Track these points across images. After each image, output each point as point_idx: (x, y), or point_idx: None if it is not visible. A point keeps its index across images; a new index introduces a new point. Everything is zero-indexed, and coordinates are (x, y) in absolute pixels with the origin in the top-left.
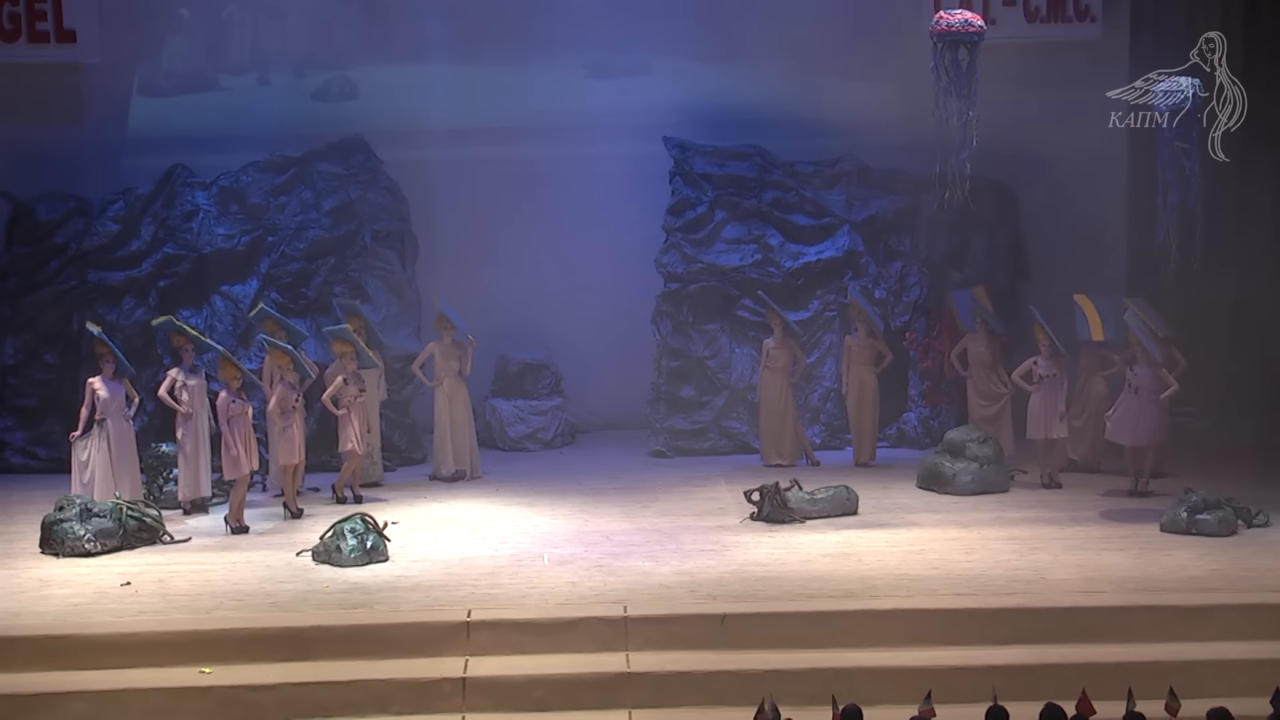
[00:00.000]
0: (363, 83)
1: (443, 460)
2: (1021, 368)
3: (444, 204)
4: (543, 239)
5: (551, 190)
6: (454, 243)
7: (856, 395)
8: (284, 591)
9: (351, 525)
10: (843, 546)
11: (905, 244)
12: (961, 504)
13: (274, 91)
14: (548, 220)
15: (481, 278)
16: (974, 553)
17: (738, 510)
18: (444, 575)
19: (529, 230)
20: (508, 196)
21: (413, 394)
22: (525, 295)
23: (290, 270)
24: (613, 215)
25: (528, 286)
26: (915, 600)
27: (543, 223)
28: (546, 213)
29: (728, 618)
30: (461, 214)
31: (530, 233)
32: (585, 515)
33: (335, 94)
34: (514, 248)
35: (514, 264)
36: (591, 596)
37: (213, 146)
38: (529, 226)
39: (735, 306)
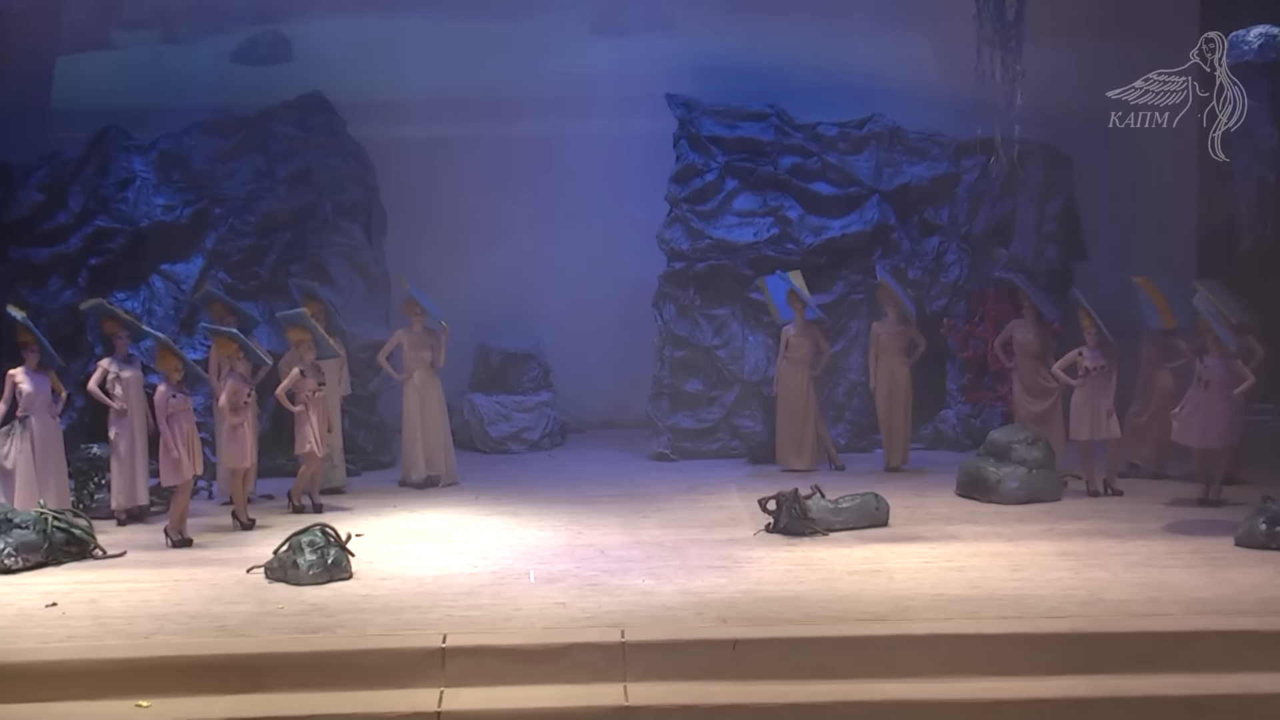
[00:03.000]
0: (301, 39)
1: (413, 464)
2: (1065, 359)
3: (416, 171)
4: (529, 211)
5: (539, 156)
6: (427, 215)
7: (887, 390)
8: (233, 613)
9: (310, 538)
10: (871, 563)
11: (943, 217)
12: (1007, 514)
13: (183, 52)
14: (534, 190)
15: (458, 255)
16: (1021, 570)
17: (751, 521)
18: (416, 595)
19: (513, 201)
20: (489, 163)
21: (379, 388)
22: (508, 275)
23: (240, 246)
24: (608, 184)
25: (511, 265)
26: (954, 624)
27: (529, 192)
28: (533, 181)
29: (739, 644)
30: (436, 182)
31: (515, 204)
32: (577, 527)
33: (264, 54)
34: (496, 221)
35: (495, 240)
36: (584, 619)
37: (151, 106)
38: (513, 197)
39: (749, 288)
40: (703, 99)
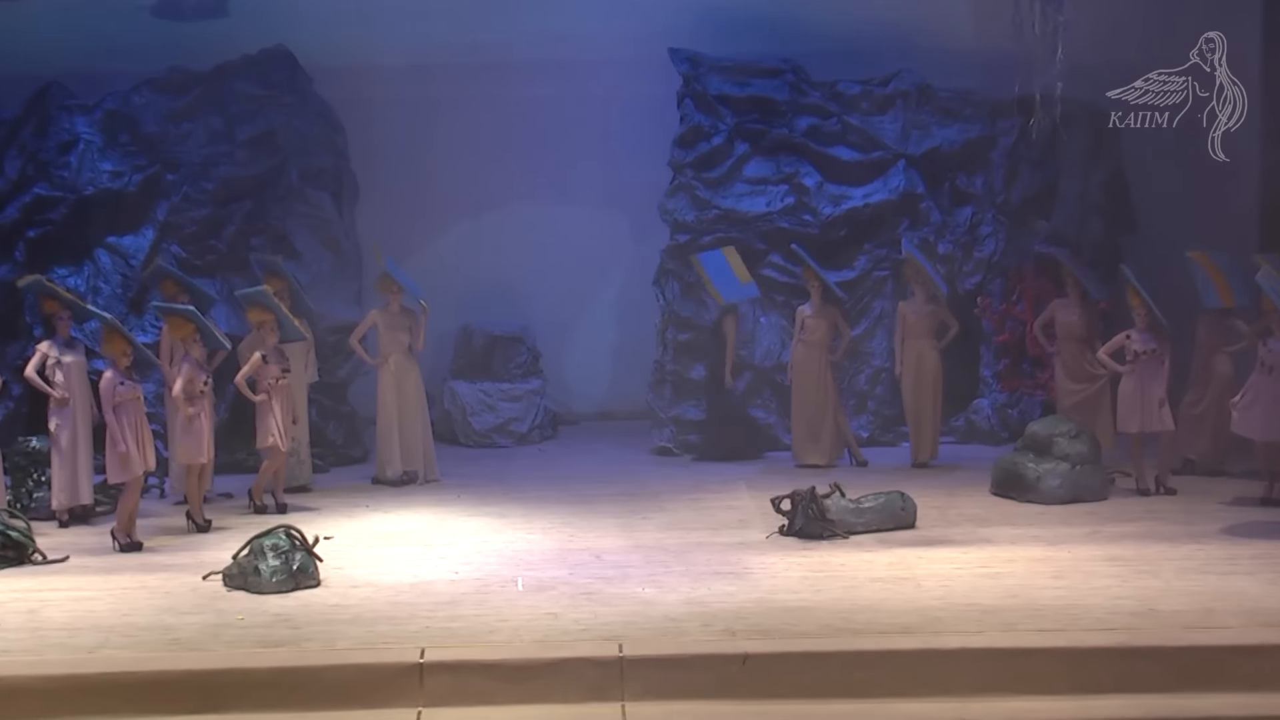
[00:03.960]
0: None
1: (389, 459)
2: (1112, 343)
3: (392, 134)
4: (517, 179)
5: (528, 117)
6: (404, 183)
7: (914, 377)
8: (187, 625)
9: (273, 541)
10: (896, 569)
11: (977, 185)
12: (1048, 515)
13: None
14: (523, 155)
15: (439, 227)
16: (1064, 577)
17: (763, 523)
18: (391, 605)
19: (500, 168)
20: (473, 126)
21: (351, 375)
22: (494, 250)
23: (195, 217)
24: (605, 149)
25: (498, 239)
26: (989, 638)
27: (517, 158)
28: (522, 146)
29: (750, 659)
30: (414, 147)
31: (502, 171)
32: (570, 529)
33: (190, 9)
34: (481, 190)
35: (481, 210)
36: (578, 632)
37: (96, 60)
38: (500, 163)
39: (761, 264)
40: (709, 53)
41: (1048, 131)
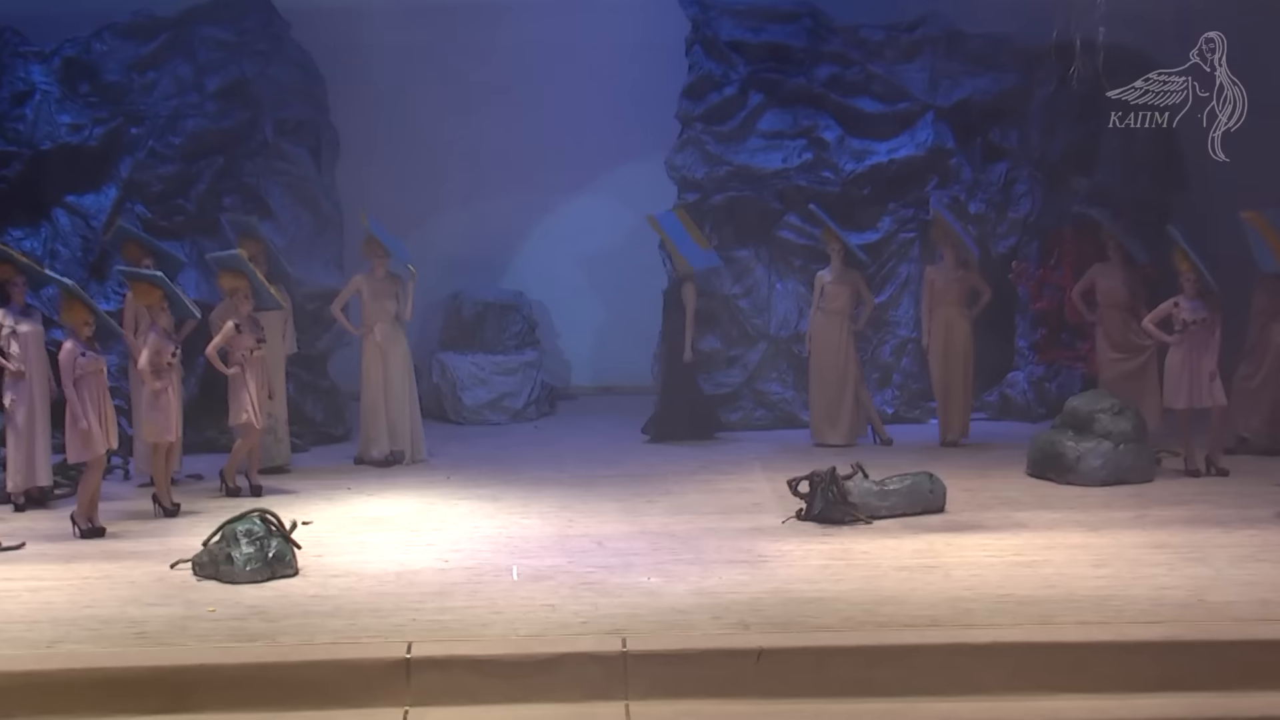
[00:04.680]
0: None
1: (373, 437)
2: (1158, 311)
3: (375, 85)
4: (512, 133)
5: (524, 65)
6: (389, 137)
7: (943, 348)
8: (154, 617)
9: (247, 527)
10: (924, 556)
11: (1011, 139)
12: (1089, 498)
13: None
14: (518, 108)
15: (427, 185)
16: (1106, 565)
17: (779, 507)
18: (375, 595)
19: (493, 121)
20: (464, 75)
21: (332, 346)
22: (487, 210)
23: (161, 174)
24: (607, 99)
25: (491, 198)
26: (1024, 631)
27: (512, 111)
28: (517, 97)
29: (765, 654)
30: (400, 98)
31: (495, 124)
32: (569, 514)
33: None
34: (472, 145)
35: (472, 167)
36: (578, 625)
37: (53, 3)
38: (493, 116)
39: (776, 225)
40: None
41: (1089, 80)
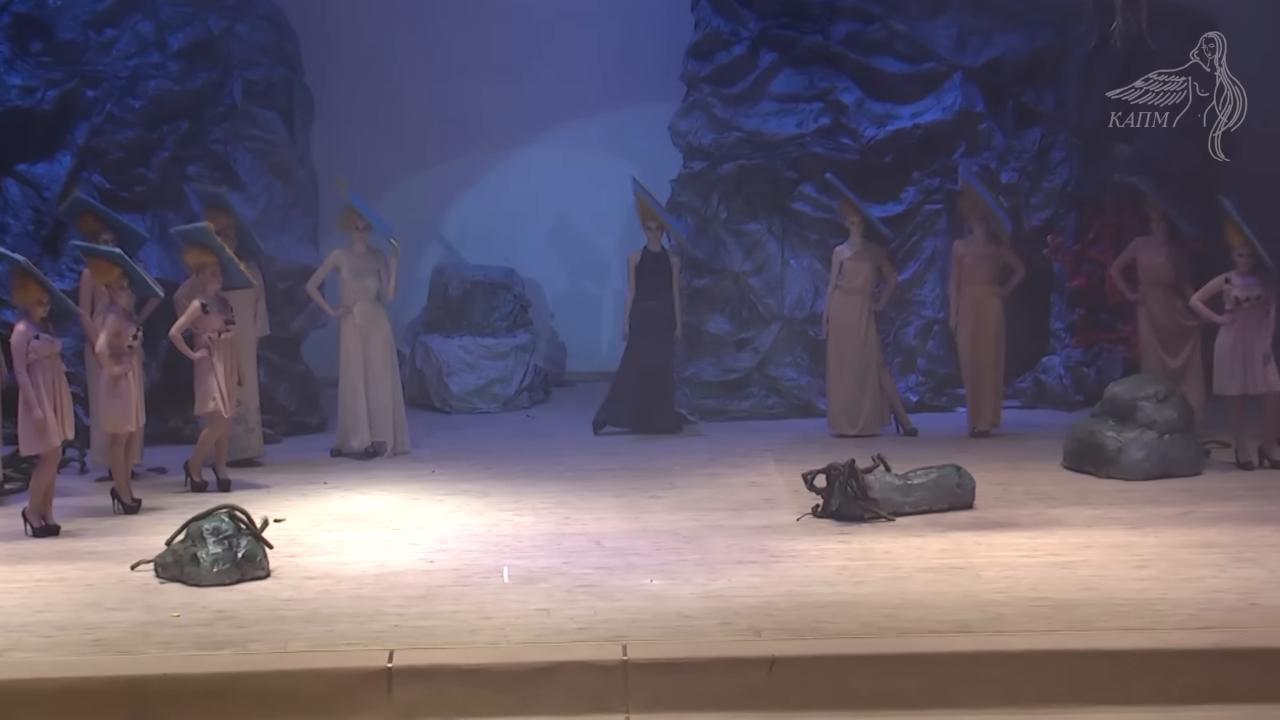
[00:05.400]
0: None
1: (352, 427)
2: (1207, 288)
3: (354, 43)
4: (503, 95)
5: (515, 21)
6: (369, 100)
7: (972, 330)
8: (113, 623)
9: (214, 524)
10: (952, 556)
11: (1047, 101)
12: (1131, 493)
13: None
14: (508, 66)
15: (410, 153)
16: (1149, 566)
17: (793, 503)
18: (353, 599)
19: (483, 82)
20: (448, 30)
21: (307, 327)
22: (475, 179)
23: (120, 141)
24: (606, 58)
25: (479, 166)
26: (1061, 638)
27: (502, 71)
28: (507, 55)
29: (778, 663)
30: (380, 58)
31: (485, 85)
32: (565, 510)
33: None
34: (459, 108)
35: (459, 132)
36: (574, 631)
37: None
38: (483, 76)
39: (790, 196)
40: None
41: (1132, 37)
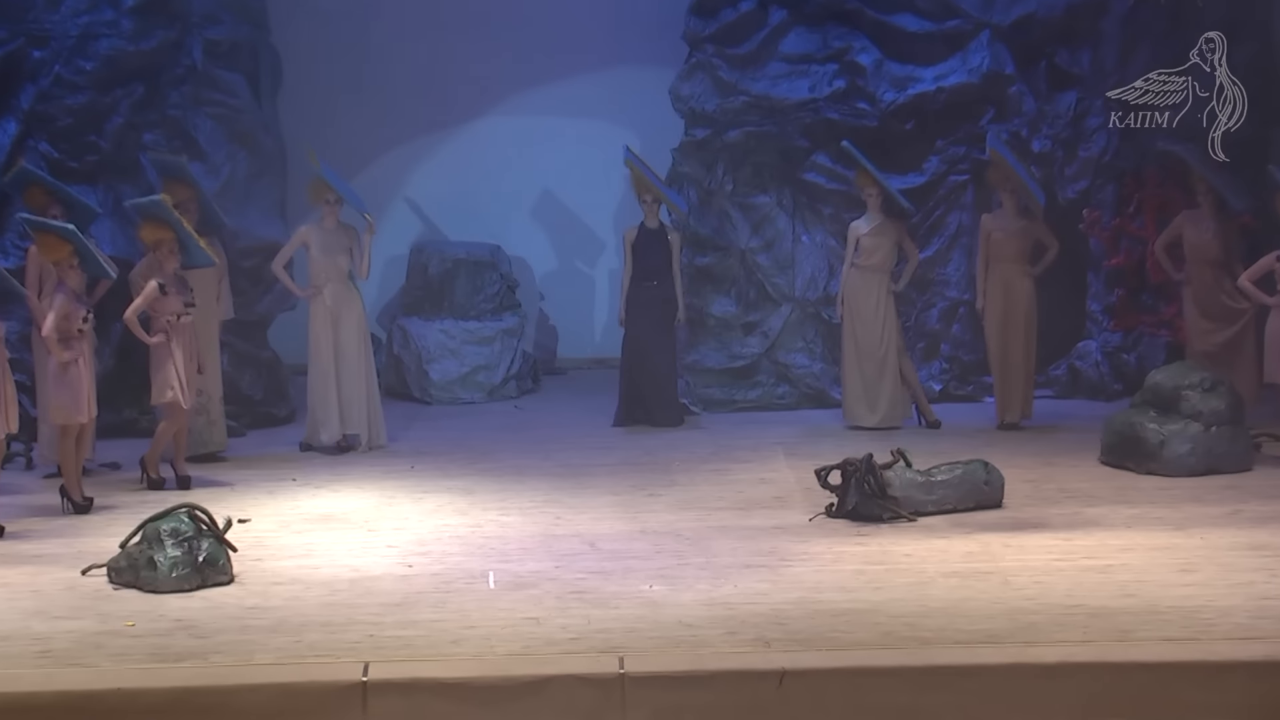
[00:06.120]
0: None
1: (323, 419)
2: (1258, 267)
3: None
4: (489, 56)
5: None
6: (342, 62)
7: (1001, 312)
8: (61, 633)
9: (173, 526)
10: (979, 559)
11: (1083, 63)
12: (1175, 490)
13: None
14: (494, 24)
15: (387, 119)
16: (1195, 570)
17: (805, 501)
18: (325, 607)
19: (467, 42)
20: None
21: (273, 310)
22: (458, 149)
23: (70, 106)
24: (601, 17)
25: (463, 135)
26: (1098, 649)
27: (485, 28)
28: (495, 14)
29: (788, 676)
30: (354, 15)
31: (469, 46)
32: (557, 509)
33: None
34: (439, 70)
35: (440, 97)
36: (566, 641)
37: None
38: (467, 36)
39: (802, 166)
40: None
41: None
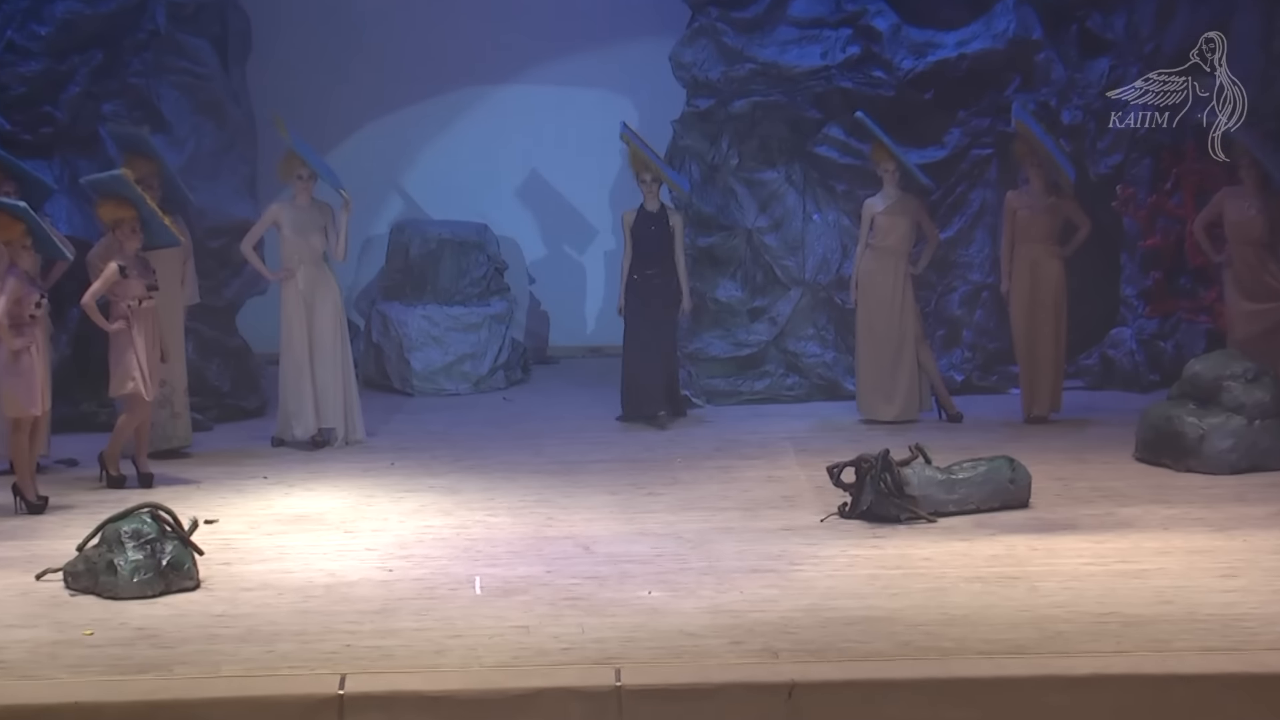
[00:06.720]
0: None
1: (296, 412)
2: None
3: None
4: (476, 20)
5: None
6: (316, 27)
7: (1028, 297)
8: (14, 642)
9: (134, 527)
10: (1004, 563)
11: (1116, 27)
12: (1216, 489)
13: None
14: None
15: (365, 89)
16: (1237, 576)
17: (816, 501)
18: (298, 614)
19: (447, 8)
20: None
21: (243, 294)
22: (441, 120)
23: (23, 74)
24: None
25: (446, 105)
26: (1132, 659)
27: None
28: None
29: (798, 689)
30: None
31: (450, 13)
32: (548, 509)
33: None
34: (420, 34)
35: (420, 63)
36: (558, 652)
37: None
38: (447, 2)
39: (813, 139)
40: None
41: None
